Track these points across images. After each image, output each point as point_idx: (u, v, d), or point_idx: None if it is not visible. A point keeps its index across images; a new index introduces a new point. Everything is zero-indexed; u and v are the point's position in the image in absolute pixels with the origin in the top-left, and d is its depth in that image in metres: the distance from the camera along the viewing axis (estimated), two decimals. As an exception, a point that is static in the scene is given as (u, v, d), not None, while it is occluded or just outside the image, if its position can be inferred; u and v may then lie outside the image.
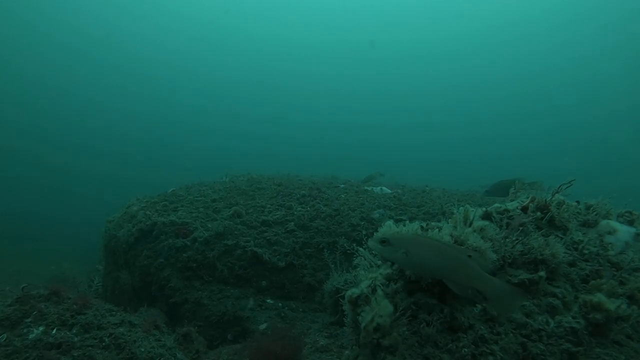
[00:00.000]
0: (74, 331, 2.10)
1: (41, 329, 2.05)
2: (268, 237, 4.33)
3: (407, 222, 1.97)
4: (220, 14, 39.51)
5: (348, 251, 2.25)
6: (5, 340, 1.94)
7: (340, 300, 1.91)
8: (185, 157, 29.70)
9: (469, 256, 1.59)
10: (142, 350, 2.18)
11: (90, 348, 2.04)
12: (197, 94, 39.87)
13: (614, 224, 2.08)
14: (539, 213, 2.04)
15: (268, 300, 4.06)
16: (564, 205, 2.12)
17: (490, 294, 1.57)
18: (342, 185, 5.72)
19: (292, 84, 40.96)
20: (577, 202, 2.27)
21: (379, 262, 2.00)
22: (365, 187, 5.63)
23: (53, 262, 8.60)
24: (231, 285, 4.13)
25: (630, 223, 2.14)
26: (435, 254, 1.61)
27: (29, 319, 2.09)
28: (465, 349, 1.59)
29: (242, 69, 41.24)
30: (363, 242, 2.24)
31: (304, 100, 39.87)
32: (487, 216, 2.08)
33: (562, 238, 1.96)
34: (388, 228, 1.94)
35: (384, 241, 1.68)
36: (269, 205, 4.76)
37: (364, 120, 37.18)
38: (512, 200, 2.24)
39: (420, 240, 1.67)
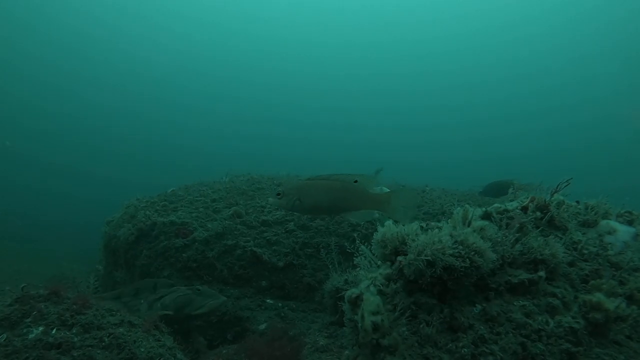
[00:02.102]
0: (74, 331, 2.10)
1: (41, 329, 2.05)
2: (268, 237, 4.33)
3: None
4: (220, 14, 39.50)
5: (348, 250, 2.25)
6: (5, 340, 1.94)
7: (339, 302, 1.92)
8: (185, 158, 29.71)
9: (355, 182, 1.62)
10: (142, 350, 2.18)
11: (90, 348, 2.04)
12: (197, 94, 39.89)
13: (614, 224, 2.08)
14: (538, 213, 2.04)
15: (268, 300, 4.07)
16: (564, 205, 2.12)
17: (384, 209, 1.60)
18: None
19: (292, 84, 40.99)
20: (577, 202, 2.27)
21: (379, 262, 2.00)
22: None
23: (53, 262, 8.60)
24: (231, 285, 4.13)
25: (630, 223, 2.14)
26: (325, 192, 1.65)
27: (29, 319, 2.09)
28: (465, 349, 1.59)
29: (243, 70, 41.27)
30: (363, 242, 2.24)
31: (304, 101, 39.89)
32: (486, 216, 2.08)
33: (561, 238, 1.96)
34: (388, 228, 1.94)
35: (278, 194, 1.72)
36: (268, 205, 4.76)
37: (364, 120, 37.21)
38: (511, 200, 2.24)
39: (309, 184, 1.72)
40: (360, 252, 2.17)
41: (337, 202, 1.63)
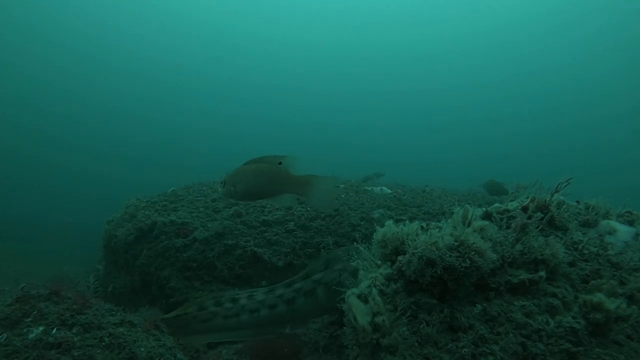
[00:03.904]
0: (74, 331, 2.10)
1: (41, 328, 2.04)
2: (268, 237, 4.33)
3: (407, 222, 1.97)
4: (221, 14, 39.49)
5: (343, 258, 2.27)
6: (5, 340, 1.94)
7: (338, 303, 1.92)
8: (185, 158, 29.71)
9: (280, 163, 1.62)
10: (142, 350, 2.18)
11: (90, 348, 2.03)
12: (197, 94, 39.89)
13: (614, 224, 2.08)
14: (539, 213, 2.04)
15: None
16: (564, 205, 2.12)
17: (303, 192, 1.60)
18: (342, 185, 5.72)
19: (293, 84, 40.98)
20: (577, 202, 2.27)
21: (379, 262, 2.00)
22: (366, 187, 5.63)
23: (53, 263, 8.59)
24: (231, 285, 4.13)
25: (630, 223, 2.14)
26: (254, 176, 1.66)
27: (29, 319, 2.09)
28: (465, 349, 1.59)
29: (243, 70, 41.26)
30: (362, 242, 2.24)
31: (304, 101, 39.88)
32: (487, 216, 2.08)
33: (562, 238, 1.96)
34: (388, 228, 1.94)
35: (221, 182, 1.75)
36: (268, 205, 4.76)
37: (364, 120, 37.20)
38: (512, 200, 2.24)
39: (242, 169, 1.74)
40: (361, 252, 2.17)
41: (265, 186, 1.64)
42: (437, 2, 38.15)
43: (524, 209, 2.04)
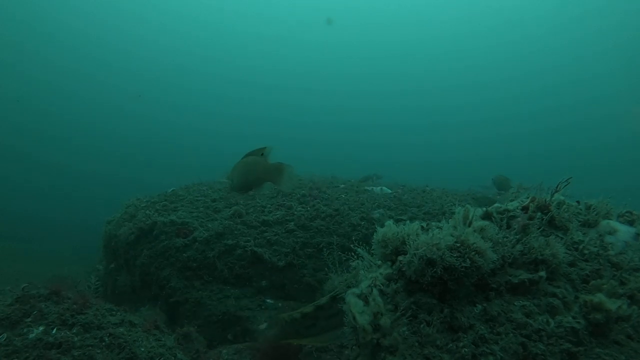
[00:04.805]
0: (74, 331, 2.10)
1: (41, 328, 2.05)
2: (268, 237, 4.33)
3: (407, 222, 1.97)
4: (221, 14, 39.45)
5: (343, 257, 2.28)
6: (5, 340, 1.94)
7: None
8: (185, 157, 29.70)
9: (262, 154, 1.73)
10: (142, 350, 2.18)
11: (90, 348, 2.03)
12: (197, 94, 39.89)
13: (615, 224, 2.08)
14: (539, 213, 2.03)
15: (268, 300, 4.07)
16: (565, 206, 2.12)
17: (275, 178, 1.70)
18: (342, 185, 5.72)
19: (293, 84, 40.97)
20: (578, 202, 2.27)
21: (379, 262, 2.00)
22: (366, 187, 5.63)
23: (53, 263, 8.59)
24: (231, 285, 4.13)
25: (631, 223, 2.13)
26: (244, 169, 1.77)
27: (29, 319, 2.09)
28: (466, 349, 1.59)
29: (243, 69, 41.26)
30: (362, 243, 2.24)
31: (304, 101, 39.88)
32: (487, 216, 2.08)
33: (562, 238, 1.96)
34: (388, 227, 1.94)
35: (227, 178, 1.86)
36: (269, 205, 4.76)
37: (364, 120, 37.20)
38: (512, 200, 2.24)
39: (236, 165, 1.85)
40: (359, 253, 2.17)
41: (253, 176, 1.76)
42: (437, 2, 38.12)
43: (524, 209, 2.04)
